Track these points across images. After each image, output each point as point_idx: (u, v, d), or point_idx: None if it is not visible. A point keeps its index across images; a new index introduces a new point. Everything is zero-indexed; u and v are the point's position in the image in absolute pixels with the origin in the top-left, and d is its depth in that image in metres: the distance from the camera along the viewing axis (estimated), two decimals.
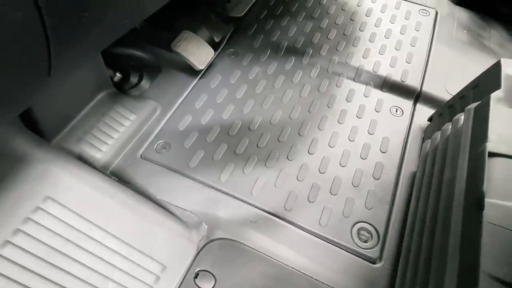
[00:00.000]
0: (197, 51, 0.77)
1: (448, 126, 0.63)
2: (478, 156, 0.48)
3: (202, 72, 0.86)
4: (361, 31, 0.97)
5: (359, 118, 0.80)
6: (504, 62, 0.59)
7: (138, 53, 0.86)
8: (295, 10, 1.02)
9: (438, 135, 0.66)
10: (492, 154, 0.47)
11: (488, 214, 0.42)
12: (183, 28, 0.82)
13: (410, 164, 0.73)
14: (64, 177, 0.54)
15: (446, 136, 0.62)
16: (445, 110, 0.72)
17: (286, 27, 0.97)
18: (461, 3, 1.08)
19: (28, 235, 0.48)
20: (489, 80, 0.60)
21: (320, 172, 0.71)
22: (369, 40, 0.95)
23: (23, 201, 0.49)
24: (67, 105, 0.69)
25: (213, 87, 0.84)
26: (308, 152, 0.74)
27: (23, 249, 0.47)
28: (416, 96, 0.85)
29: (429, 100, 0.84)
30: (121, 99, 0.78)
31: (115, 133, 0.74)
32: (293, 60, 0.90)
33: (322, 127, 0.78)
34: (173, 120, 0.78)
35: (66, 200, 0.53)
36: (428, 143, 0.69)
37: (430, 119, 0.79)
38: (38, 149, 0.54)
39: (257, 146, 0.75)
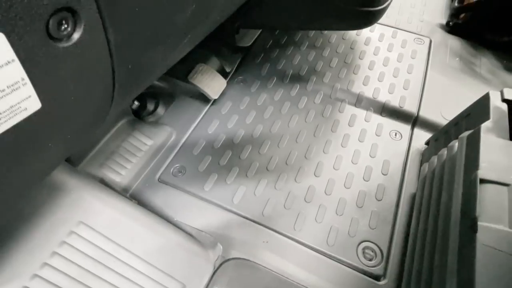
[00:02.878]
0: (211, 83, 0.83)
1: (444, 152, 0.69)
2: (471, 182, 0.54)
3: (214, 99, 0.92)
4: (361, 59, 1.04)
5: (361, 142, 0.86)
6: (492, 94, 0.65)
7: (155, 82, 0.92)
8: (299, 40, 1.09)
9: (435, 159, 0.71)
10: (483, 181, 0.52)
11: (481, 236, 0.47)
12: (197, 59, 0.89)
13: (410, 186, 0.79)
14: (94, 202, 0.59)
15: (442, 161, 0.67)
16: (440, 136, 0.78)
17: (290, 56, 1.04)
18: (453, 32, 1.16)
19: (64, 257, 0.53)
20: (479, 111, 0.66)
21: (326, 194, 0.76)
22: (369, 68, 1.02)
23: (59, 225, 0.53)
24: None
25: (224, 113, 0.90)
26: (315, 175, 0.79)
27: (59, 271, 0.52)
28: (414, 120, 0.91)
29: (426, 125, 0.90)
30: (139, 126, 0.84)
31: (133, 158, 0.80)
32: (298, 87, 0.97)
33: (327, 151, 0.84)
34: (188, 144, 0.84)
35: (96, 224, 0.58)
36: (426, 166, 0.75)
37: (427, 143, 0.85)
38: (71, 177, 0.59)
39: (267, 169, 0.80)
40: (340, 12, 0.78)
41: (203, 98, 0.91)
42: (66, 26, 0.19)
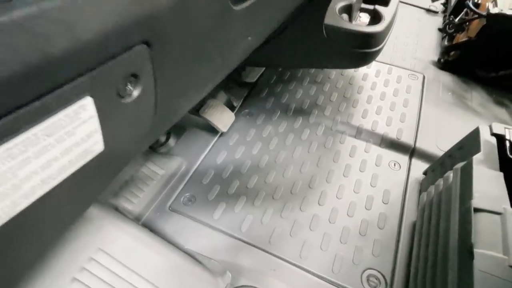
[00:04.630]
0: (221, 117, 0.89)
1: (440, 182, 0.73)
2: (466, 211, 0.57)
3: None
4: (359, 93, 1.11)
5: (361, 172, 0.90)
6: (482, 129, 0.71)
7: None
8: (301, 76, 1.16)
9: (432, 189, 0.75)
10: (477, 210, 0.56)
11: (477, 263, 0.50)
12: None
13: (410, 214, 0.82)
14: (112, 230, 0.62)
15: (439, 191, 0.71)
16: (437, 167, 0.83)
17: (293, 91, 1.11)
18: (445, 68, 1.24)
19: (83, 283, 0.55)
20: (470, 144, 0.71)
21: (330, 222, 0.79)
22: (367, 102, 1.08)
23: (80, 252, 0.57)
24: None
25: (232, 144, 0.95)
26: (319, 204, 0.83)
27: None
28: (411, 151, 0.96)
29: (423, 155, 0.94)
30: (151, 156, 0.89)
31: (146, 187, 0.84)
32: (301, 119, 1.03)
33: (329, 180, 0.88)
34: (198, 174, 0.88)
35: (113, 251, 0.61)
36: (424, 196, 0.79)
37: (425, 173, 0.89)
38: (92, 206, 0.62)
39: (273, 197, 0.84)
40: (339, 54, 0.86)
41: (212, 130, 0.96)
42: (130, 87, 0.25)
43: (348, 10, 0.92)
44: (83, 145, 0.23)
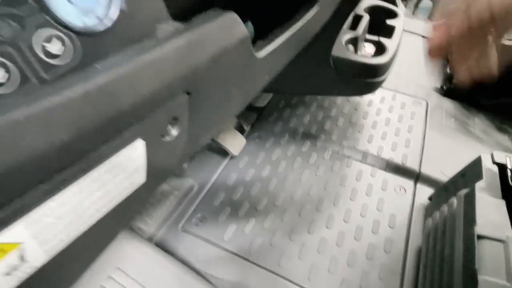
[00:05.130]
0: (233, 141, 0.93)
1: (445, 208, 0.75)
2: (469, 237, 0.60)
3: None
4: (365, 119, 1.15)
5: (368, 196, 0.93)
6: (484, 157, 0.74)
7: None
8: (308, 101, 1.21)
9: (437, 214, 0.78)
10: (481, 237, 0.58)
11: None
12: None
13: (416, 239, 0.84)
14: (130, 250, 0.65)
15: (443, 217, 0.74)
16: (441, 192, 0.85)
17: (301, 115, 1.16)
18: (447, 95, 1.28)
19: None
20: (473, 171, 0.74)
21: (338, 246, 0.81)
22: (372, 127, 1.12)
23: (100, 271, 0.59)
24: None
25: (242, 167, 0.99)
26: (326, 227, 0.85)
27: None
28: (416, 176, 0.98)
29: (427, 181, 0.97)
30: None
31: (158, 208, 0.87)
32: (309, 143, 1.06)
33: (336, 204, 0.91)
34: (209, 196, 0.91)
35: (130, 270, 0.64)
36: (429, 221, 0.81)
37: (430, 198, 0.92)
38: None
39: (282, 220, 0.86)
40: (346, 83, 0.91)
41: (223, 152, 1.00)
42: (170, 128, 0.29)
43: (354, 41, 0.97)
44: (131, 178, 0.27)
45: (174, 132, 0.29)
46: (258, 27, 0.34)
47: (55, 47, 0.22)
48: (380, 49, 1.00)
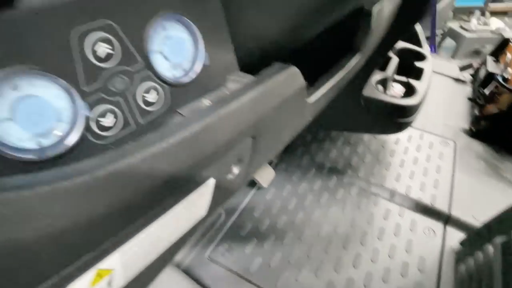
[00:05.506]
0: (263, 173, 0.96)
1: (479, 255, 0.73)
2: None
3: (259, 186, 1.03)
4: (392, 157, 1.16)
5: (396, 236, 0.91)
6: None
7: None
8: (335, 136, 1.23)
9: (471, 262, 0.75)
10: None
11: None
12: None
13: (447, 285, 0.81)
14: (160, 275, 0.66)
15: (479, 264, 0.71)
16: (474, 238, 0.83)
17: (327, 150, 1.17)
18: (476, 136, 1.27)
19: None
20: (509, 219, 0.72)
21: (365, 287, 0.80)
22: (400, 166, 1.12)
23: None
24: None
25: (268, 199, 1.00)
26: (353, 266, 0.84)
27: None
28: (446, 219, 0.96)
29: (458, 224, 0.95)
30: None
31: None
32: (335, 179, 1.07)
33: (364, 243, 0.89)
34: (235, 226, 0.92)
35: None
36: (462, 267, 0.78)
37: (462, 244, 0.89)
38: None
39: (308, 256, 0.86)
40: (375, 121, 0.93)
41: (250, 183, 1.02)
42: (233, 167, 0.32)
43: (384, 82, 1.00)
44: (197, 211, 0.30)
45: (236, 170, 0.32)
46: (302, 70, 0.38)
47: (151, 96, 0.26)
48: (409, 90, 1.02)
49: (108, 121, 0.23)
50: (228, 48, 0.30)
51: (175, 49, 0.27)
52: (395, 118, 0.92)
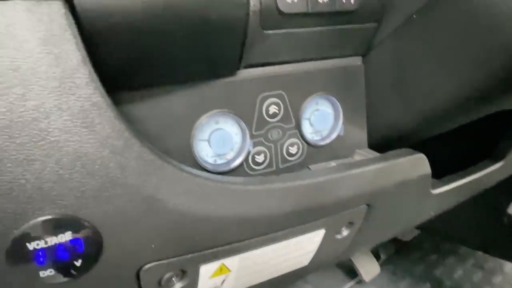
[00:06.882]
0: (367, 265, 0.90)
1: None
2: None
3: (359, 278, 0.95)
4: None
5: None
6: None
7: None
8: (463, 253, 1.05)
9: None
10: None
11: None
12: None
13: None
14: None
15: None
16: None
17: (450, 267, 1.00)
18: None
19: None
20: None
21: None
22: None
23: None
24: None
25: None
26: None
27: None
28: None
29: None
30: None
31: None
32: None
33: None
34: None
35: None
36: None
37: None
38: None
39: None
40: None
41: (350, 273, 0.95)
42: (344, 229, 0.35)
43: None
44: (300, 258, 0.33)
45: (345, 232, 0.35)
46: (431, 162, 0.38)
47: (293, 149, 0.34)
48: None
49: (260, 158, 0.32)
50: (361, 126, 0.36)
51: (320, 119, 0.35)
52: None
